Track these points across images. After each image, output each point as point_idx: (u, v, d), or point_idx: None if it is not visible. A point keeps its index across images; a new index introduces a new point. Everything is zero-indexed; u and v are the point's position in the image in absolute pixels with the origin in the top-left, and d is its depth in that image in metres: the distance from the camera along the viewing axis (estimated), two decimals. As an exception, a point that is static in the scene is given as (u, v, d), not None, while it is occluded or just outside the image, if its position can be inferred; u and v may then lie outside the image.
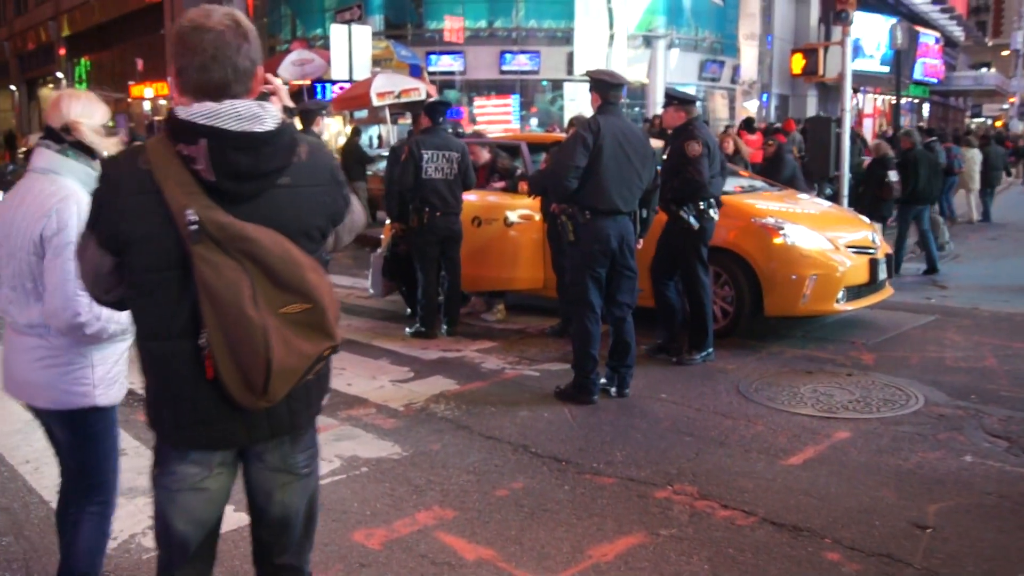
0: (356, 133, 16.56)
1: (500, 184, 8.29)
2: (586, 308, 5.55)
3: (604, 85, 5.60)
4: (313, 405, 2.20)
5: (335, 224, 2.20)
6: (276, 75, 13.68)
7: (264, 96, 2.18)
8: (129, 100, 36.67)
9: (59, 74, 41.41)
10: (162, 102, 30.16)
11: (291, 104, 2.34)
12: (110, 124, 2.97)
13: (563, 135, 8.28)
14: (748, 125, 16.42)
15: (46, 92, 44.63)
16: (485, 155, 8.47)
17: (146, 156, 1.96)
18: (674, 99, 6.56)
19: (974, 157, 16.08)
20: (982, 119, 50.76)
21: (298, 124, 7.15)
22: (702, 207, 6.32)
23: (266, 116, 1.96)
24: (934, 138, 15.56)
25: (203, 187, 1.92)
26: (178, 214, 1.90)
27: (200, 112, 1.92)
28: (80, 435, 2.86)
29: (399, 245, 7.86)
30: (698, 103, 6.83)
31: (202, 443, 2.08)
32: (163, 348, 2.01)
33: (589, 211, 5.46)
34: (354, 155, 15.71)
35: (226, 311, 1.88)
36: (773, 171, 11.01)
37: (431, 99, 12.43)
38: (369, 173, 15.89)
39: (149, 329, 2.02)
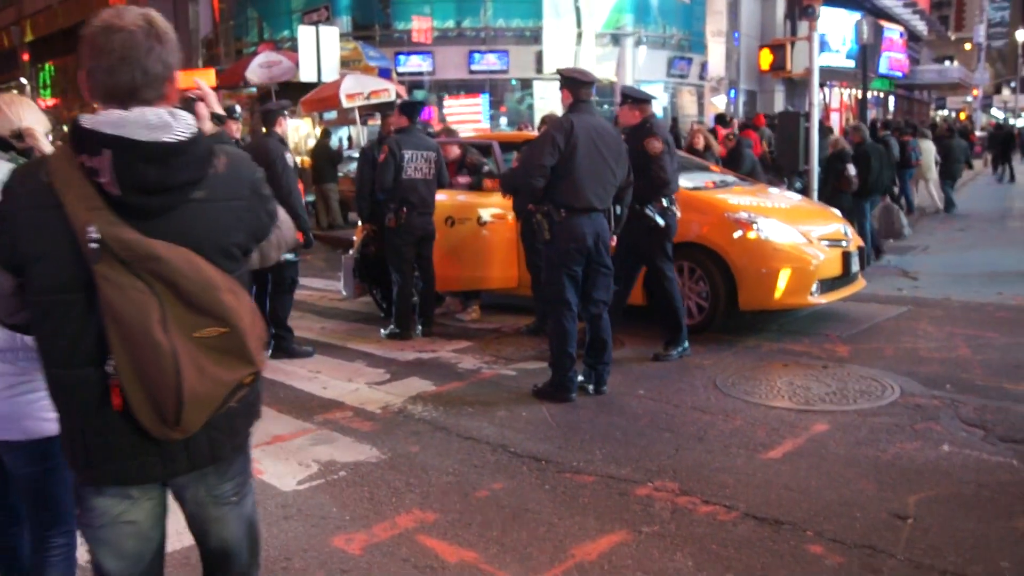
0: (326, 135, 16.45)
1: (465, 179, 8.23)
2: (563, 306, 5.53)
3: (575, 83, 5.57)
4: (238, 434, 2.07)
5: (258, 240, 2.06)
6: (245, 78, 13.49)
7: (191, 101, 2.07)
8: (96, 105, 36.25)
9: (23, 79, 40.85)
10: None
11: (221, 111, 2.18)
12: None
13: (535, 134, 8.24)
14: (721, 120, 16.53)
15: (7, 98, 43.96)
16: (455, 151, 8.44)
17: (48, 167, 1.82)
18: (629, 98, 6.53)
19: (929, 148, 16.41)
20: (946, 111, 51.40)
21: (261, 127, 7.13)
22: (665, 204, 6.31)
23: (177, 125, 1.82)
24: (888, 131, 15.85)
25: (108, 202, 1.78)
26: (79, 231, 1.76)
27: (106, 120, 1.78)
28: (48, 465, 2.60)
29: (369, 246, 7.80)
30: (653, 101, 6.80)
31: (116, 479, 1.94)
32: (69, 376, 1.87)
33: (564, 209, 5.43)
34: (325, 157, 15.61)
35: (132, 335, 1.75)
36: (733, 165, 11.11)
37: (403, 99, 12.37)
38: (340, 175, 15.80)
39: (53, 355, 1.88)
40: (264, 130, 6.95)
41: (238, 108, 7.57)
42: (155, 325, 1.75)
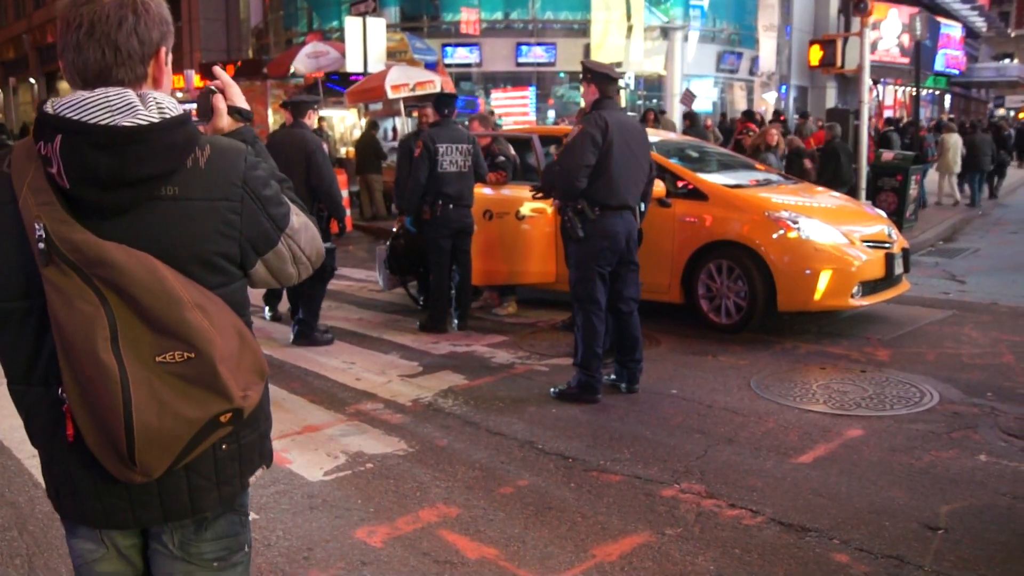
0: (373, 126, 16.52)
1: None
2: (593, 306, 5.48)
3: (605, 78, 5.48)
4: (229, 483, 1.73)
5: (259, 252, 1.72)
6: (292, 68, 13.52)
7: (210, 93, 1.85)
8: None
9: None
10: (179, 94, 30.30)
11: (244, 106, 1.90)
12: None
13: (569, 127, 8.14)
14: (750, 116, 16.46)
15: (65, 86, 44.90)
16: (480, 129, 8.42)
17: (11, 157, 1.60)
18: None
19: (955, 143, 16.40)
20: (1004, 110, 50.23)
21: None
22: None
23: (144, 108, 1.53)
24: (891, 127, 15.86)
25: (61, 196, 1.53)
26: (28, 228, 1.52)
27: (67, 102, 1.52)
28: None
29: (399, 239, 7.83)
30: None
31: (82, 518, 1.69)
32: (25, 394, 1.64)
33: (599, 207, 5.39)
34: (370, 148, 15.68)
35: (76, 353, 1.49)
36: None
37: (438, 92, 12.38)
38: (384, 165, 15.89)
39: (12, 370, 1.65)
40: (290, 122, 7.02)
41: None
42: (101, 343, 1.48)
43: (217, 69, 1.95)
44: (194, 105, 1.87)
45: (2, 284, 1.59)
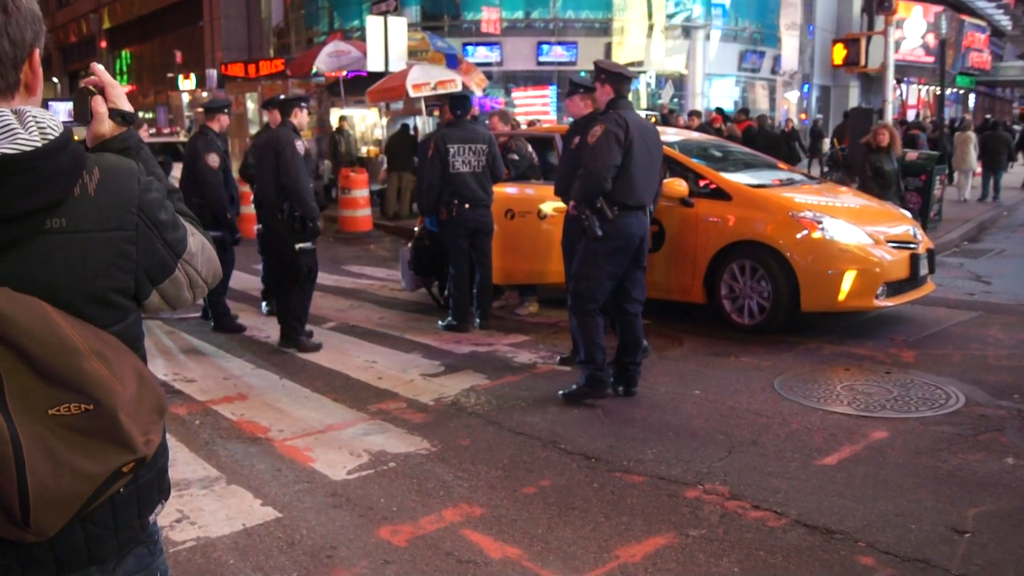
0: (407, 128, 16.39)
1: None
2: (591, 304, 5.43)
3: (620, 78, 5.47)
4: (126, 527, 1.55)
5: (155, 282, 1.56)
6: (314, 68, 13.49)
7: (88, 94, 1.64)
8: (169, 92, 37.20)
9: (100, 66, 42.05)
10: (204, 94, 30.54)
11: (127, 107, 1.67)
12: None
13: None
14: (721, 112, 16.65)
15: (88, 85, 45.42)
16: (500, 126, 8.39)
17: None
18: (580, 87, 6.14)
19: (968, 139, 16.50)
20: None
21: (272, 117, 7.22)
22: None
23: (25, 130, 1.35)
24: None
25: None
26: None
27: None
28: None
29: (423, 239, 7.83)
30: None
31: None
32: None
33: (619, 207, 5.37)
34: (406, 146, 15.52)
35: None
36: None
37: (456, 92, 12.39)
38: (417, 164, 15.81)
39: None
40: (279, 122, 7.07)
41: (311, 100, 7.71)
42: None
43: (96, 66, 1.70)
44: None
45: None
